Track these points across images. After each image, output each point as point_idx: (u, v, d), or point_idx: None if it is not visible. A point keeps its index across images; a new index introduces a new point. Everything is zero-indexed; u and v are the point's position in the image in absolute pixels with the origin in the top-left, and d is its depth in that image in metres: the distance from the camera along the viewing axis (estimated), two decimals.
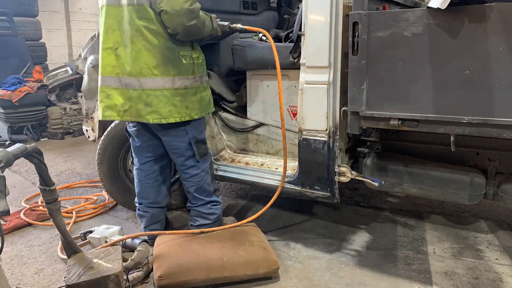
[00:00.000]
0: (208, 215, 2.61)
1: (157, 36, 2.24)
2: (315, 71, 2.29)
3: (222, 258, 2.24)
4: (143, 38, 2.24)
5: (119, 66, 2.32)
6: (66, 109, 5.94)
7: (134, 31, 2.25)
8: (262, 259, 2.28)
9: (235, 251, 2.30)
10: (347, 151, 2.57)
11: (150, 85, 2.29)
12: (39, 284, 2.31)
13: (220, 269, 2.20)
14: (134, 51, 2.27)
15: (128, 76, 2.30)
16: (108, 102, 2.38)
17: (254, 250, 2.33)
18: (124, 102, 2.34)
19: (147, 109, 2.31)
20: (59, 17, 8.20)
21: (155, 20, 2.22)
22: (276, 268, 2.29)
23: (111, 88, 2.37)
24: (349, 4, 2.16)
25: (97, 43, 3.40)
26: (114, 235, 2.55)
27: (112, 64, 2.34)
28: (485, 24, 1.73)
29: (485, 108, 1.78)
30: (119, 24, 2.29)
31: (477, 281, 2.25)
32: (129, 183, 3.19)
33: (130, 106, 2.34)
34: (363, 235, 2.80)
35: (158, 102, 2.30)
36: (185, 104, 2.37)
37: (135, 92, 2.31)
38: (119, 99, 2.35)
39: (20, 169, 4.38)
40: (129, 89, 2.32)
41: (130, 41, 2.26)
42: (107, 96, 2.38)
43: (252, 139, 3.02)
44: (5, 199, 1.54)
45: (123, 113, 2.36)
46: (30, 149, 1.82)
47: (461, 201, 2.27)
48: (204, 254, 2.27)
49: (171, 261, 2.22)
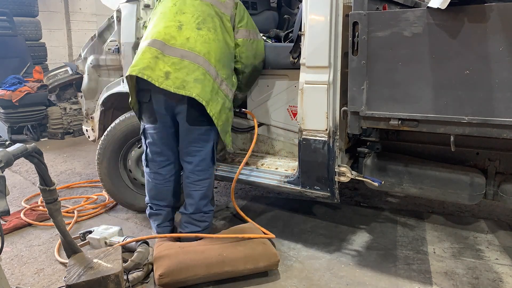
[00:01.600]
0: (199, 222, 2.54)
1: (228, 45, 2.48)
2: (315, 71, 2.29)
3: (221, 254, 2.25)
4: (216, 36, 2.42)
5: (179, 38, 2.35)
6: (66, 109, 5.94)
7: (212, 24, 2.43)
8: (261, 253, 2.29)
9: (234, 247, 2.32)
10: (347, 151, 2.57)
11: (207, 68, 2.33)
12: (39, 284, 2.31)
13: (220, 264, 2.21)
14: (206, 37, 2.39)
15: (189, 49, 2.33)
16: (152, 64, 2.30)
17: (253, 245, 2.34)
18: (170, 70, 2.28)
19: (196, 85, 2.28)
20: (59, 17, 8.20)
21: (231, 33, 2.53)
22: (276, 261, 2.29)
23: (160, 52, 2.32)
24: (349, 4, 2.16)
25: (97, 43, 3.42)
26: (113, 235, 2.55)
27: (171, 34, 2.36)
28: (485, 24, 1.74)
29: (485, 108, 1.78)
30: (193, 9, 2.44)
31: (477, 281, 2.25)
32: (129, 183, 3.20)
33: (176, 77, 2.28)
34: (363, 235, 2.80)
35: (206, 87, 2.30)
36: (220, 108, 2.36)
37: (191, 65, 2.30)
38: (165, 66, 2.29)
39: (20, 169, 4.39)
40: (184, 60, 2.31)
41: (206, 28, 2.40)
42: (155, 58, 2.31)
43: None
44: (5, 199, 1.54)
45: (162, 80, 2.28)
46: (30, 149, 1.82)
47: (461, 201, 2.27)
48: (203, 251, 2.28)
49: (171, 260, 2.22)
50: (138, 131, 3.04)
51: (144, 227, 2.99)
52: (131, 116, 3.06)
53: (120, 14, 3.11)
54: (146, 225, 3.00)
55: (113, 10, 3.26)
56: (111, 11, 3.33)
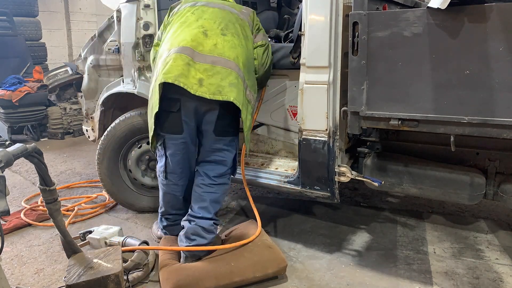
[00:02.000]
0: (208, 232, 2.35)
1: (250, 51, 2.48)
2: (315, 71, 2.29)
3: (229, 263, 2.20)
4: (240, 41, 2.41)
5: (206, 45, 2.31)
6: (66, 109, 5.94)
7: (234, 29, 2.42)
8: (269, 259, 2.26)
9: (241, 254, 2.27)
10: (347, 151, 2.57)
11: (238, 72, 2.31)
12: (39, 284, 2.31)
13: (229, 275, 2.16)
14: (232, 42, 2.36)
15: (218, 55, 2.29)
16: (185, 71, 2.21)
17: (259, 250, 2.30)
18: (203, 77, 2.23)
19: (232, 89, 2.24)
20: (59, 17, 8.21)
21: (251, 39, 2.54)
22: (284, 266, 2.27)
23: (191, 59, 2.25)
24: (349, 4, 2.16)
25: (97, 43, 3.42)
26: (113, 235, 2.54)
27: (198, 41, 2.31)
28: (485, 24, 1.73)
29: (485, 108, 1.78)
30: (213, 16, 2.43)
31: (477, 281, 2.25)
32: (129, 183, 3.20)
33: (210, 83, 2.23)
34: (363, 235, 2.80)
35: (240, 91, 2.27)
36: (246, 114, 2.33)
37: (223, 70, 2.26)
38: (197, 73, 2.23)
39: (20, 169, 4.39)
40: (215, 66, 2.26)
41: (230, 34, 2.38)
42: (187, 65, 2.23)
43: (252, 139, 3.02)
44: (5, 199, 1.54)
45: (197, 87, 2.21)
46: (30, 149, 1.82)
47: (461, 201, 2.27)
48: (211, 261, 2.23)
49: (178, 273, 2.16)
50: (138, 131, 3.05)
51: (144, 227, 2.99)
52: (131, 116, 3.06)
53: (120, 14, 3.10)
54: (146, 225, 3.00)
55: (113, 10, 3.26)
56: (111, 11, 3.33)
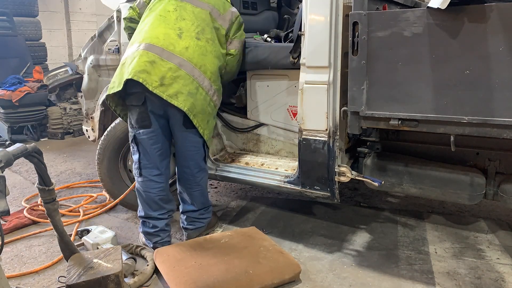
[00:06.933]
0: (203, 219, 2.68)
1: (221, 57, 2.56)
2: (315, 71, 2.29)
3: (248, 271, 2.15)
4: (214, 47, 2.49)
5: (177, 46, 2.37)
6: (66, 109, 5.93)
7: (210, 35, 2.49)
8: (285, 264, 2.24)
9: (256, 260, 2.24)
10: (347, 151, 2.57)
11: (201, 81, 2.39)
12: (39, 284, 2.31)
13: (249, 283, 2.09)
14: (204, 48, 2.44)
15: (187, 59, 2.35)
16: (149, 68, 2.28)
17: (273, 255, 2.29)
18: (165, 76, 2.29)
19: (188, 98, 2.31)
20: (59, 17, 8.20)
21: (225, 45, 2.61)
22: (299, 272, 2.25)
23: (158, 57, 2.32)
24: (349, 4, 2.16)
25: (97, 43, 3.42)
26: (106, 242, 2.54)
27: (170, 41, 2.37)
28: (485, 24, 1.73)
29: (485, 108, 1.78)
30: (193, 17, 2.47)
31: (479, 281, 2.25)
32: (129, 183, 3.19)
33: (170, 84, 2.29)
34: (364, 235, 2.80)
35: (197, 100, 2.35)
36: (208, 118, 2.45)
37: (187, 76, 2.33)
38: (162, 71, 2.29)
39: (20, 169, 4.38)
40: (180, 69, 2.33)
41: (205, 39, 2.45)
42: (152, 62, 2.29)
43: (252, 139, 3.02)
44: (5, 199, 1.54)
45: (156, 85, 2.27)
46: (30, 149, 1.82)
47: (461, 201, 2.27)
48: (228, 268, 2.16)
49: (194, 281, 2.07)
50: None
51: None
52: None
53: (120, 14, 3.10)
54: None
55: (113, 10, 3.26)
56: (111, 11, 3.33)
